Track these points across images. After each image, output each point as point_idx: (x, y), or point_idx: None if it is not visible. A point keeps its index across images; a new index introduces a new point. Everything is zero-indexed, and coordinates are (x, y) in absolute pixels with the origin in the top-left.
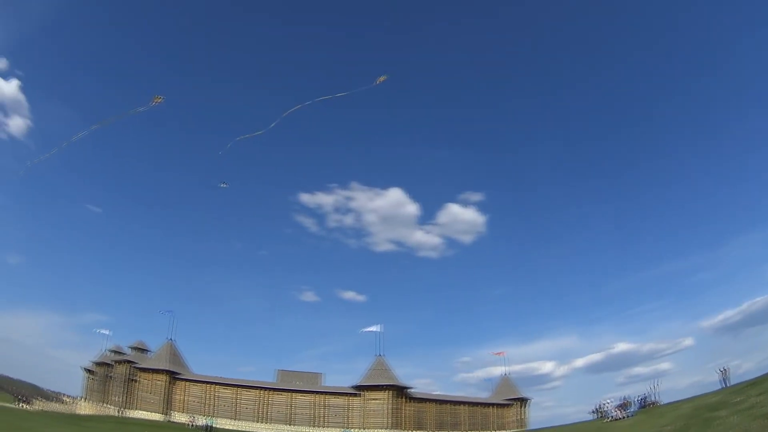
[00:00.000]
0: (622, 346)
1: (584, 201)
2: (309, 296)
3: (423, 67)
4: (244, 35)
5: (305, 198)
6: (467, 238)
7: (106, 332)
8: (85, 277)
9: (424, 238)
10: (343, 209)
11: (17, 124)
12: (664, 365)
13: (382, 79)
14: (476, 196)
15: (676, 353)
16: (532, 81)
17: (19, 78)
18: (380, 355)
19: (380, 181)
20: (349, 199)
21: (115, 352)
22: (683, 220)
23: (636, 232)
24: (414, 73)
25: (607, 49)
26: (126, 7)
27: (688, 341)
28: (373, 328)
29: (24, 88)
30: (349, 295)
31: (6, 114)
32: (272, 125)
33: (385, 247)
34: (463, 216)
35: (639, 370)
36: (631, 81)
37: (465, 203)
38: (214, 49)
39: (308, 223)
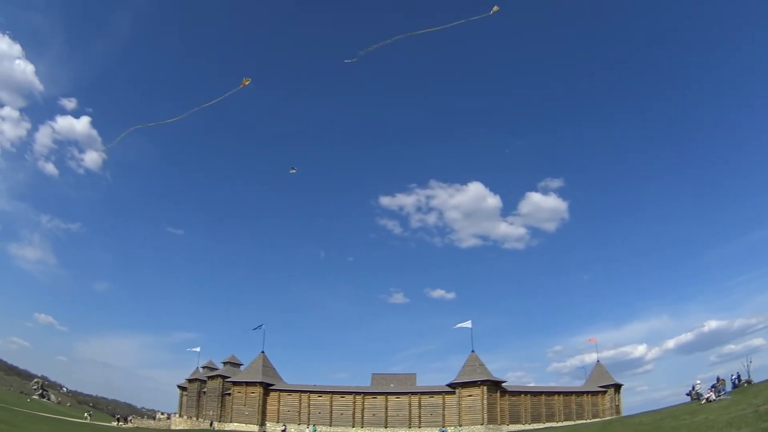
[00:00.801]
0: (712, 324)
1: (665, 172)
2: (398, 298)
3: (491, 53)
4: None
5: (386, 201)
6: (551, 226)
7: (197, 350)
8: (172, 298)
9: (509, 230)
10: (424, 208)
11: (92, 158)
12: (756, 341)
13: (495, 9)
14: (556, 183)
15: (766, 328)
16: (599, 58)
17: (89, 114)
18: (473, 351)
19: (459, 177)
20: (429, 197)
21: (208, 368)
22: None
23: (720, 201)
24: (483, 60)
25: (668, 24)
26: (182, 34)
27: None
28: (464, 324)
29: (95, 124)
30: (438, 293)
31: (81, 150)
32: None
33: (470, 242)
34: (544, 204)
35: (731, 347)
36: (706, 48)
37: (545, 191)
38: (279, 60)
39: (391, 225)
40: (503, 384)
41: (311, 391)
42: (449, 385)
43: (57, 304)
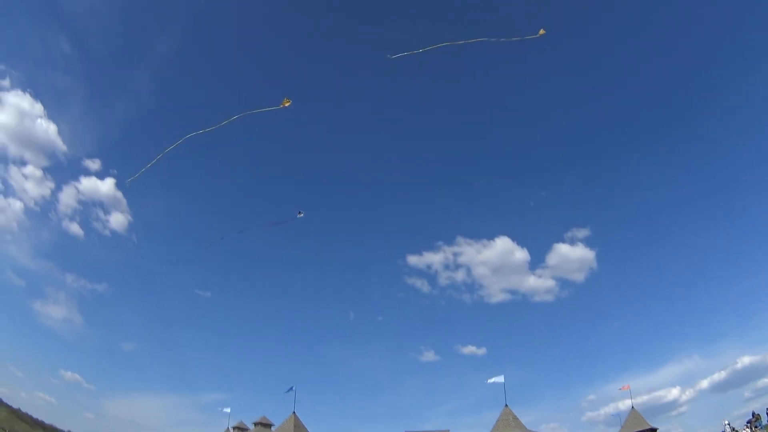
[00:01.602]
0: (745, 360)
1: (688, 207)
2: (429, 356)
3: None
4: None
5: (413, 260)
6: (579, 276)
7: (227, 410)
8: (201, 359)
9: (537, 283)
10: (452, 266)
11: (118, 220)
12: None
13: (542, 32)
14: (582, 232)
15: None
16: (614, 91)
17: (113, 176)
18: (507, 405)
19: (486, 232)
20: (457, 254)
21: (239, 428)
22: None
23: (745, 233)
24: (500, 113)
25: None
26: (205, 91)
27: None
28: (496, 379)
29: (119, 185)
30: (469, 349)
31: (106, 212)
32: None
33: (499, 297)
34: (572, 254)
35: (765, 381)
36: (730, 67)
37: (572, 241)
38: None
39: (420, 284)
40: None
41: None
42: None
43: (83, 362)
